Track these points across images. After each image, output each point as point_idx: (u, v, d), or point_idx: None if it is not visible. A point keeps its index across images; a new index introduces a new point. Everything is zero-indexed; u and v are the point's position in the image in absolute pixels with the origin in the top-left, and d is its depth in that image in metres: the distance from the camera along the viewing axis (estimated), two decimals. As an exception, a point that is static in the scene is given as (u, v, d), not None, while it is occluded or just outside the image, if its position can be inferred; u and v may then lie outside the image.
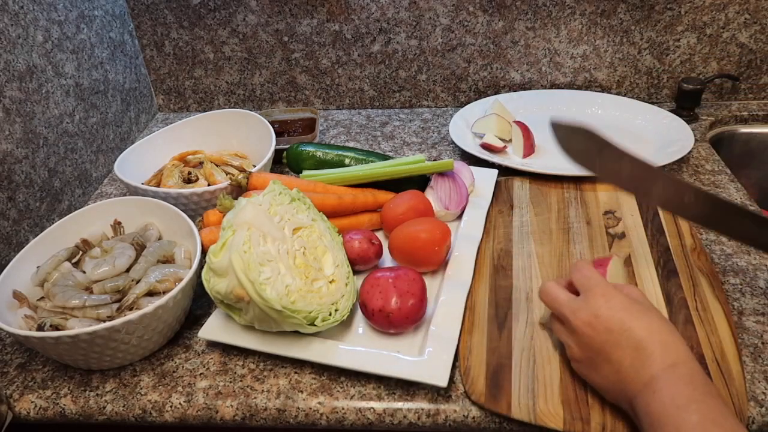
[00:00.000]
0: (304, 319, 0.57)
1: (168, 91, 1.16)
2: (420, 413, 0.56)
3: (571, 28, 1.01)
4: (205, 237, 0.68)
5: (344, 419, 0.57)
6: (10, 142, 0.76)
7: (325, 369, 0.60)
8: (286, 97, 1.14)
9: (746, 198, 0.80)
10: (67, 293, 0.62)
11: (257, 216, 0.60)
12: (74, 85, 0.90)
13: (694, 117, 1.00)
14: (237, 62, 1.10)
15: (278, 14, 1.04)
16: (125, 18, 1.05)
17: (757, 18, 0.97)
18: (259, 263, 0.57)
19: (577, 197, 0.81)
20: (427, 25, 1.03)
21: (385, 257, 0.73)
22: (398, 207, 0.73)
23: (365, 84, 1.11)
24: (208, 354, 0.64)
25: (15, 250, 0.75)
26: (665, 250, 0.70)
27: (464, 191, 0.78)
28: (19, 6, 0.77)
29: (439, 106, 1.13)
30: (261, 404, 0.58)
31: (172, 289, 0.59)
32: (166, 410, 0.58)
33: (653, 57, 1.03)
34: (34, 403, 0.60)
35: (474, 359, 0.58)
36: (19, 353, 0.66)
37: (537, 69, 1.07)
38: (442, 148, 0.99)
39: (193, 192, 0.75)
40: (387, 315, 0.59)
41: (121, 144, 1.03)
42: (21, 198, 0.78)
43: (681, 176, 0.86)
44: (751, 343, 0.59)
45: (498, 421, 0.54)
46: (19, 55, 0.77)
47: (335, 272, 0.62)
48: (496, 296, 0.66)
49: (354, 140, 1.04)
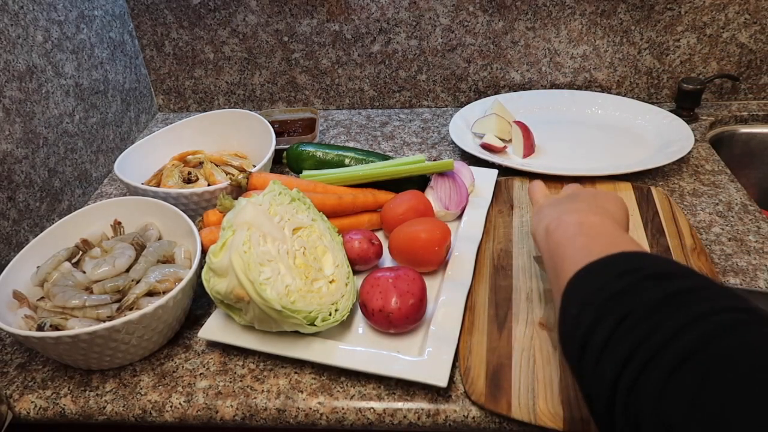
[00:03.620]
0: (304, 319, 0.57)
1: (168, 91, 1.16)
2: (420, 413, 0.56)
3: (571, 28, 1.02)
4: (205, 237, 0.68)
5: (344, 419, 0.57)
6: (10, 142, 0.76)
7: (325, 369, 0.60)
8: (286, 97, 1.14)
9: (746, 198, 0.80)
10: (67, 293, 0.62)
11: (257, 216, 0.60)
12: (74, 85, 0.90)
13: (694, 117, 1.00)
14: (237, 62, 1.10)
15: (278, 14, 1.04)
16: (125, 18, 1.05)
17: (757, 18, 0.97)
18: (259, 263, 0.57)
19: (577, 197, 0.81)
20: (427, 25, 1.03)
21: (385, 257, 0.73)
22: (398, 207, 0.73)
23: (365, 84, 1.11)
24: (208, 354, 0.64)
25: (15, 250, 0.75)
26: (665, 250, 0.70)
27: (464, 191, 0.78)
28: (19, 6, 0.77)
29: (439, 106, 1.13)
30: (261, 404, 0.58)
31: (172, 289, 0.59)
32: (166, 410, 0.58)
33: (653, 57, 1.03)
34: (34, 403, 0.60)
35: (474, 359, 0.58)
36: (19, 353, 0.66)
37: (537, 69, 1.07)
38: (442, 148, 0.99)
39: (193, 192, 0.75)
40: (387, 315, 0.59)
41: (121, 144, 1.03)
42: (21, 198, 0.78)
43: (681, 176, 0.86)
44: (751, 343, 0.59)
45: (498, 421, 0.54)
46: (19, 55, 0.77)
47: (335, 272, 0.62)
48: (496, 296, 0.66)
49: (354, 140, 1.04)
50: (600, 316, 0.38)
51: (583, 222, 0.49)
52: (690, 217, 0.78)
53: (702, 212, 0.79)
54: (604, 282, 0.40)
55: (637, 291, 0.38)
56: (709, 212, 0.78)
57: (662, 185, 0.84)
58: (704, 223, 0.77)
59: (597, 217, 0.51)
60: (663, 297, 0.36)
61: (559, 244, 0.48)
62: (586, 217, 0.50)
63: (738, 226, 0.75)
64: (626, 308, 0.37)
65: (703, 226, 0.76)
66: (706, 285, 0.37)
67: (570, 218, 0.51)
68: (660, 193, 0.80)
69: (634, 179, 0.85)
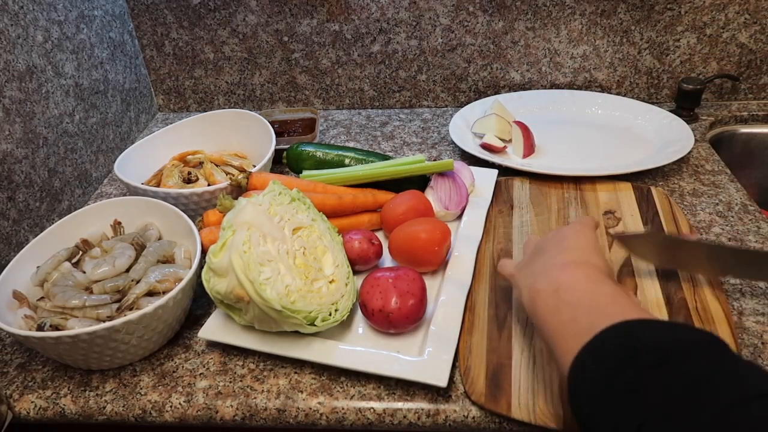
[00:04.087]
0: (304, 319, 0.57)
1: (168, 91, 1.16)
2: (420, 413, 0.56)
3: (571, 28, 1.02)
4: (205, 237, 0.68)
5: (344, 419, 0.57)
6: (10, 142, 0.76)
7: (325, 369, 0.60)
8: (286, 97, 1.14)
9: (746, 198, 0.80)
10: (67, 293, 0.62)
11: (257, 216, 0.60)
12: (74, 85, 0.90)
13: (694, 117, 1.00)
14: (237, 62, 1.10)
15: (278, 14, 1.04)
16: (125, 18, 1.05)
17: (757, 18, 0.97)
18: (259, 263, 0.57)
19: (577, 197, 0.81)
20: (427, 25, 1.03)
21: (385, 257, 0.73)
22: (398, 207, 0.73)
23: (365, 84, 1.11)
24: (208, 354, 0.64)
25: (15, 250, 0.75)
26: (665, 250, 0.70)
27: (464, 191, 0.78)
28: (19, 6, 0.77)
29: (439, 106, 1.13)
30: (261, 404, 0.58)
31: (172, 289, 0.59)
32: (166, 410, 0.58)
33: (653, 57, 1.03)
34: (34, 403, 0.60)
35: (474, 359, 0.58)
36: (19, 353, 0.66)
37: (537, 69, 1.07)
38: (442, 148, 0.99)
39: (193, 192, 0.75)
40: (387, 315, 0.59)
41: (121, 144, 1.04)
42: (21, 198, 0.78)
43: (681, 176, 0.86)
44: (751, 343, 0.59)
45: (498, 421, 0.54)
46: (19, 55, 0.77)
47: (335, 272, 0.62)
48: (496, 296, 0.66)
49: (354, 140, 1.04)
50: (615, 426, 0.36)
51: (558, 287, 0.48)
52: (690, 217, 0.78)
53: (702, 212, 0.79)
54: (605, 374, 0.39)
55: (644, 388, 0.36)
56: (709, 212, 0.78)
57: (662, 185, 0.84)
58: (704, 223, 0.77)
59: (569, 273, 0.49)
60: (673, 396, 0.34)
61: (545, 321, 0.47)
62: (559, 277, 0.49)
63: (738, 226, 0.75)
64: (639, 415, 0.35)
65: (703, 226, 0.76)
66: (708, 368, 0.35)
67: (543, 284, 0.49)
68: (660, 193, 0.80)
69: (634, 179, 0.85)
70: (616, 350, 0.39)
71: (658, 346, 0.38)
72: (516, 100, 1.05)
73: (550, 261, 0.52)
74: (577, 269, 0.49)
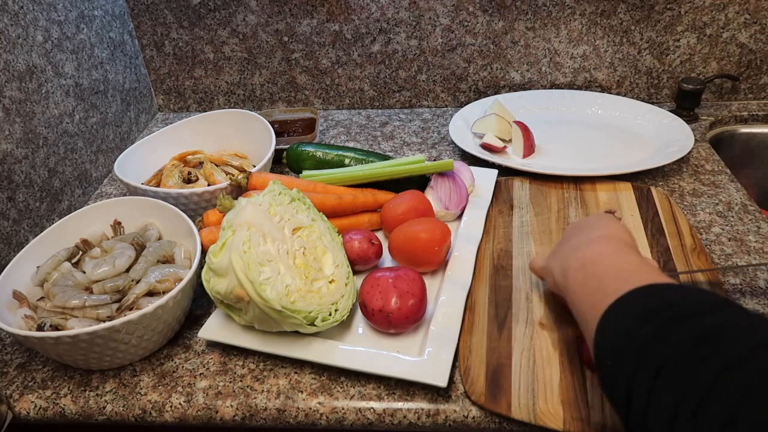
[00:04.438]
0: (304, 319, 0.57)
1: (168, 91, 1.16)
2: (420, 413, 0.56)
3: (571, 28, 1.02)
4: (205, 237, 0.68)
5: (344, 419, 0.57)
6: (10, 142, 0.76)
7: (325, 369, 0.60)
8: (286, 97, 1.14)
9: (746, 198, 0.80)
10: (67, 293, 0.62)
11: (257, 216, 0.60)
12: (74, 85, 0.90)
13: (694, 117, 1.00)
14: (237, 62, 1.10)
15: (278, 14, 1.04)
16: (125, 18, 1.05)
17: (757, 18, 0.97)
18: (259, 263, 0.57)
19: (577, 197, 0.81)
20: (427, 25, 1.03)
21: (385, 257, 0.73)
22: (398, 207, 0.73)
23: (365, 84, 1.11)
24: (208, 354, 0.64)
25: (15, 250, 0.75)
26: (665, 250, 0.70)
27: (464, 191, 0.78)
28: (19, 6, 0.77)
29: (439, 106, 1.13)
30: (261, 404, 0.58)
31: (172, 289, 0.59)
32: (165, 410, 0.58)
33: (653, 57, 1.03)
34: (34, 403, 0.60)
35: (474, 359, 0.58)
36: (19, 353, 0.66)
37: (537, 69, 1.07)
38: (442, 148, 0.99)
39: (193, 192, 0.75)
40: (387, 315, 0.59)
41: (121, 144, 1.03)
42: (21, 198, 0.78)
43: (681, 176, 0.86)
44: (751, 343, 0.59)
45: (498, 421, 0.54)
46: (19, 55, 0.77)
47: (335, 272, 0.62)
48: (496, 296, 0.66)
49: (354, 140, 1.04)
50: (635, 370, 0.38)
51: (585, 261, 0.50)
52: (690, 217, 0.78)
53: (702, 212, 0.79)
54: (629, 327, 0.40)
55: (665, 336, 0.37)
56: (709, 212, 0.78)
57: (662, 185, 0.84)
58: (704, 223, 0.77)
59: (595, 247, 0.51)
60: (694, 341, 0.36)
61: (575, 293, 0.49)
62: (585, 253, 0.51)
63: (738, 226, 0.75)
64: (659, 358, 0.37)
65: (703, 226, 0.76)
66: (728, 319, 0.37)
67: (573, 262, 0.51)
68: (660, 193, 0.80)
69: (634, 179, 0.85)
70: (641, 308, 0.41)
71: (681, 303, 0.40)
72: (516, 100, 1.05)
73: (577, 241, 0.54)
74: (603, 243, 0.52)
